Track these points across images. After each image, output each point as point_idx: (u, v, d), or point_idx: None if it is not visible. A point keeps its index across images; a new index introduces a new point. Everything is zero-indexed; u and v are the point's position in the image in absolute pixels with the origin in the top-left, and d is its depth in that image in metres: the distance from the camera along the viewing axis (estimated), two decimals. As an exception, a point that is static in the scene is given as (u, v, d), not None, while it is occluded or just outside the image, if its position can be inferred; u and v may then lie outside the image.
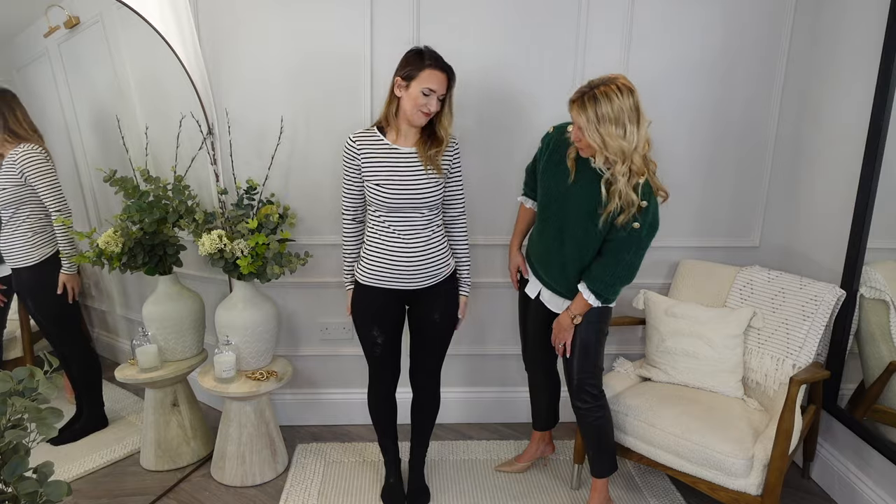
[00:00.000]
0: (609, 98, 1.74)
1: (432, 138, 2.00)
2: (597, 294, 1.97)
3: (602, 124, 1.74)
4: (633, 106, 1.76)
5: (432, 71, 1.89)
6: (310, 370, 2.86)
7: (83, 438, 2.49)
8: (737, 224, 2.72)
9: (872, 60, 2.15)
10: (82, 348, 2.45)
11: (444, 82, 1.92)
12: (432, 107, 1.92)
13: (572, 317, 2.03)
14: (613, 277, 1.95)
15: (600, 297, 1.97)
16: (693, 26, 2.48)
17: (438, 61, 1.91)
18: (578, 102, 1.78)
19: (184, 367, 2.48)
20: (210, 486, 2.43)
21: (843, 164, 2.31)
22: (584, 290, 1.98)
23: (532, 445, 2.55)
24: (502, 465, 2.57)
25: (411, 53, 1.94)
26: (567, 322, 2.04)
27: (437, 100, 1.92)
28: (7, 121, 2.07)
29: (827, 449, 2.45)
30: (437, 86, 1.90)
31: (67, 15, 2.19)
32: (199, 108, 2.43)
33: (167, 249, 2.40)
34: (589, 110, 1.75)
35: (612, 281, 1.96)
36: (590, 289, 1.97)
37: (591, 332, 2.07)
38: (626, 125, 1.75)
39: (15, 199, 2.13)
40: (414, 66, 1.90)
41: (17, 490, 1.30)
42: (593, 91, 1.76)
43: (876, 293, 2.20)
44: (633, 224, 1.85)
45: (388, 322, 2.13)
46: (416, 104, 1.91)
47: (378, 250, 2.04)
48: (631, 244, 1.90)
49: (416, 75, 1.89)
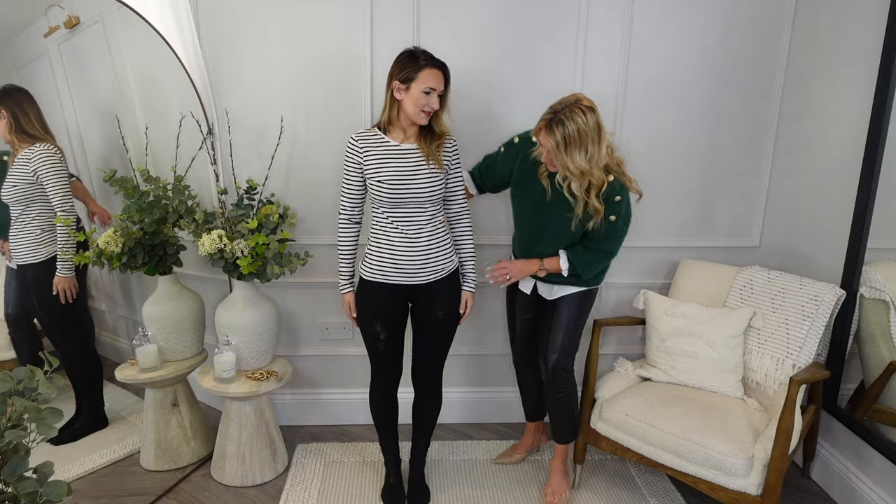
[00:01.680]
0: (574, 121, 1.85)
1: (431, 134, 2.03)
2: (571, 264, 2.12)
3: (569, 147, 1.87)
4: (596, 124, 1.88)
5: (430, 70, 1.92)
6: (310, 370, 2.86)
7: (83, 438, 2.49)
8: (737, 224, 2.72)
9: (872, 60, 2.15)
10: (84, 348, 2.45)
11: (442, 79, 1.96)
12: (434, 104, 1.95)
13: (539, 266, 2.16)
14: (592, 258, 2.12)
15: (574, 267, 2.12)
16: (693, 26, 2.48)
17: (433, 59, 1.95)
18: (546, 129, 1.89)
19: (184, 367, 2.48)
20: (210, 486, 2.43)
21: (843, 164, 2.31)
22: (563, 257, 2.13)
23: (527, 436, 2.63)
24: (500, 456, 2.63)
25: (404, 56, 1.95)
26: (533, 267, 2.16)
27: (437, 96, 1.95)
28: (20, 121, 2.09)
29: (827, 449, 2.45)
30: (436, 83, 1.93)
31: (67, 15, 2.19)
32: (199, 108, 2.43)
33: (167, 249, 2.40)
34: (556, 134, 1.86)
35: (590, 260, 2.12)
36: (568, 258, 2.12)
37: (578, 314, 2.24)
38: (588, 147, 1.88)
39: (26, 197, 2.15)
40: (411, 68, 1.92)
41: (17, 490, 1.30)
42: (559, 116, 1.86)
43: (876, 293, 2.20)
44: (609, 217, 2.02)
45: (390, 318, 2.13)
46: (417, 105, 1.93)
47: (381, 246, 2.05)
48: (609, 235, 2.07)
49: (415, 76, 1.91)
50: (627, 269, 2.75)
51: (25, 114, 2.10)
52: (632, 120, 2.56)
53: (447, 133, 2.05)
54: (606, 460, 2.62)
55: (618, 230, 2.06)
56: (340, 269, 2.17)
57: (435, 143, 2.02)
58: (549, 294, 2.27)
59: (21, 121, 2.09)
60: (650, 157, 2.61)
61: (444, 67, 1.96)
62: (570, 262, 2.12)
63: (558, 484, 2.35)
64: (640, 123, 2.57)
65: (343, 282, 2.18)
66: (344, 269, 2.17)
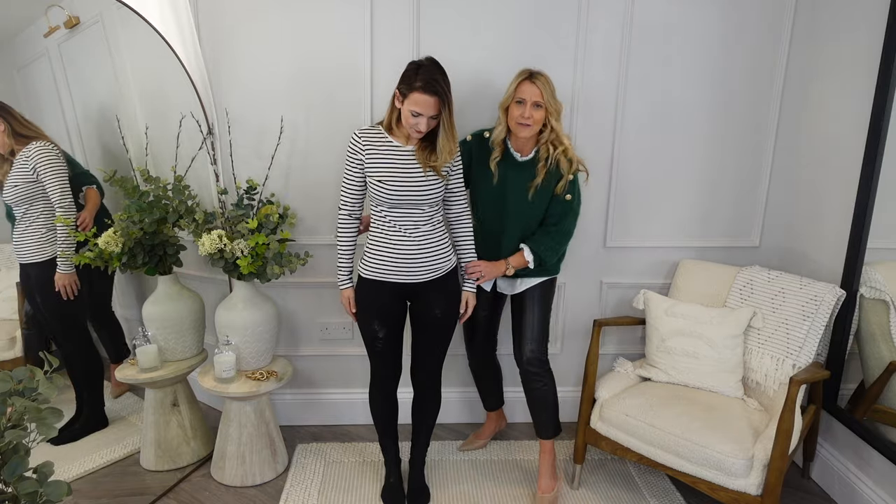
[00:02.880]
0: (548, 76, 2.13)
1: (431, 148, 1.99)
2: (535, 254, 2.21)
3: (553, 93, 2.12)
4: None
5: (420, 94, 1.86)
6: (310, 370, 2.86)
7: (83, 438, 2.49)
8: (737, 224, 2.72)
9: (872, 60, 2.15)
10: (86, 347, 2.45)
11: (433, 105, 1.88)
12: (422, 128, 1.92)
13: (506, 267, 2.22)
14: (554, 242, 2.22)
15: (538, 257, 2.21)
16: (693, 26, 2.48)
17: (428, 85, 1.85)
18: (542, 78, 2.10)
19: (184, 367, 2.48)
20: (210, 486, 2.43)
21: (843, 164, 2.31)
22: (526, 251, 2.21)
23: (488, 423, 2.75)
24: (464, 444, 2.72)
25: (409, 69, 1.92)
26: (501, 268, 2.22)
27: (429, 120, 1.91)
28: (13, 126, 2.11)
29: (827, 449, 2.45)
30: (424, 109, 1.88)
31: (67, 15, 2.19)
32: (199, 108, 2.43)
33: (167, 249, 2.40)
34: (549, 84, 2.11)
35: (552, 245, 2.22)
36: (532, 249, 2.20)
37: (545, 304, 2.32)
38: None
39: (28, 196, 2.15)
40: (406, 85, 1.89)
41: (17, 490, 1.30)
42: (540, 71, 2.12)
43: (876, 293, 2.20)
44: (565, 197, 2.18)
45: (389, 316, 2.13)
46: (408, 122, 1.93)
47: (379, 244, 2.05)
48: (567, 213, 2.22)
49: (408, 95, 1.89)
50: (627, 269, 2.75)
51: (14, 118, 2.12)
52: (632, 120, 2.57)
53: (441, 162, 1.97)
54: (606, 460, 2.62)
55: (574, 208, 2.22)
56: (339, 264, 2.17)
57: (432, 158, 1.98)
58: (511, 289, 2.35)
59: (14, 125, 2.11)
60: (650, 156, 2.61)
61: (439, 94, 1.86)
62: (534, 252, 2.20)
63: (546, 484, 2.34)
64: (640, 123, 2.57)
65: (342, 278, 2.18)
66: (343, 266, 2.17)
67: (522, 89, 2.10)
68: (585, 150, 2.55)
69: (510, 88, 2.13)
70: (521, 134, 2.12)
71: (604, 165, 2.61)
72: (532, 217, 2.23)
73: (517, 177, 2.19)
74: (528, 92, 2.09)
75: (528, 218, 2.22)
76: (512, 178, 2.19)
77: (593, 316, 2.76)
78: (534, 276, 2.29)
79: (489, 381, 2.65)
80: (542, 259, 2.22)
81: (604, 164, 2.61)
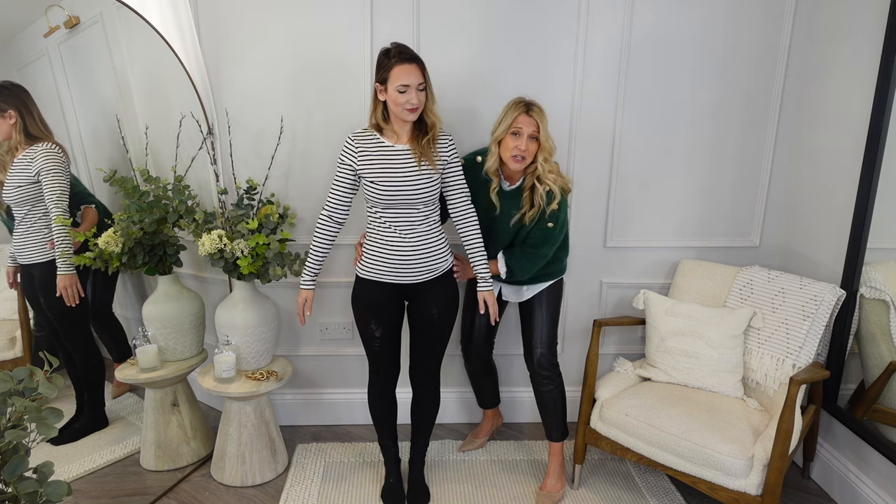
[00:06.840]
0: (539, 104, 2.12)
1: (423, 130, 2.01)
2: (509, 268, 2.24)
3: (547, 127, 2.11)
4: None
5: (401, 66, 1.88)
6: (310, 370, 2.86)
7: (83, 438, 2.49)
8: (737, 224, 2.72)
9: (872, 60, 2.15)
10: (88, 347, 2.45)
11: (416, 72, 1.89)
12: (414, 101, 1.91)
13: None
14: (529, 263, 2.23)
15: (511, 271, 2.24)
16: (693, 26, 2.48)
17: (404, 54, 1.89)
18: (538, 109, 2.09)
19: (184, 367, 2.48)
20: (210, 486, 2.43)
21: (843, 164, 2.31)
22: (501, 262, 2.24)
23: (485, 422, 2.76)
24: (464, 445, 2.71)
25: (380, 55, 1.94)
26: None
27: (417, 91, 1.91)
28: (26, 124, 2.10)
29: (827, 449, 2.45)
30: (410, 78, 1.88)
31: (67, 15, 2.19)
32: (199, 108, 2.44)
33: (167, 249, 2.40)
34: (544, 116, 2.10)
35: (527, 265, 2.23)
36: (507, 263, 2.23)
37: (553, 306, 2.35)
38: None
39: (31, 197, 2.15)
40: (384, 68, 1.91)
41: (17, 490, 1.30)
42: (534, 101, 2.10)
43: (876, 293, 2.20)
44: (548, 224, 2.16)
45: (385, 316, 2.13)
46: (398, 104, 1.91)
47: (376, 245, 2.06)
48: (546, 240, 2.20)
49: (388, 76, 1.90)
50: (627, 269, 2.75)
51: (31, 115, 2.11)
52: (632, 120, 2.56)
53: (437, 123, 2.00)
54: (606, 460, 2.62)
55: (554, 236, 2.20)
56: (308, 263, 2.13)
57: (426, 138, 1.99)
58: (517, 297, 2.37)
59: (27, 122, 2.10)
60: (650, 156, 2.61)
61: (416, 60, 1.90)
62: (508, 265, 2.23)
63: (552, 485, 2.36)
64: (640, 123, 2.57)
65: (306, 277, 2.13)
66: (311, 266, 2.13)
67: (519, 121, 2.06)
68: (585, 150, 2.55)
69: (505, 120, 2.09)
70: (514, 167, 2.10)
71: (604, 166, 2.61)
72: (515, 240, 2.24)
73: (505, 204, 2.19)
74: (524, 123, 2.06)
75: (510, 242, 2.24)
76: (501, 206, 2.19)
77: (593, 316, 2.76)
78: (540, 281, 2.30)
79: (485, 382, 2.66)
80: (514, 273, 2.23)
81: (604, 164, 2.61)
